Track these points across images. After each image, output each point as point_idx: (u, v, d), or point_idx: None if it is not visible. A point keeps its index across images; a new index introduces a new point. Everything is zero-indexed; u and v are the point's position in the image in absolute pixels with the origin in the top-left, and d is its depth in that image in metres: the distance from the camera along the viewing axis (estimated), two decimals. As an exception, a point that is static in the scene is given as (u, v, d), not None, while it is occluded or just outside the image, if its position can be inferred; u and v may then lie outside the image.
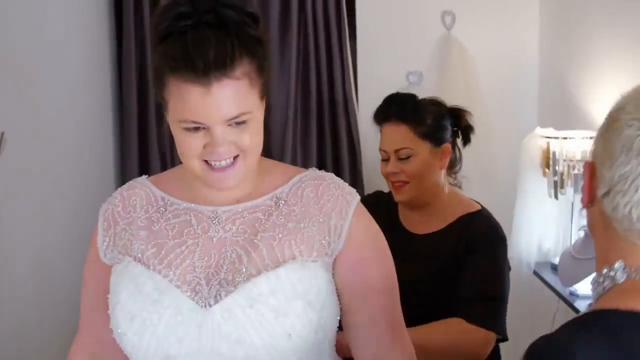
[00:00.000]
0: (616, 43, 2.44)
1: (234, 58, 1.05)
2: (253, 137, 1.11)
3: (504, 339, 1.79)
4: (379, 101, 1.95)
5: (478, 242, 1.78)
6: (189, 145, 1.09)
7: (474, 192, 3.11)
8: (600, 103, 2.57)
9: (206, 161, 1.11)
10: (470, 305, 1.72)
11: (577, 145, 2.41)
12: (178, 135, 1.11)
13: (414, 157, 1.82)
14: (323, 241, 1.16)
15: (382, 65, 3.04)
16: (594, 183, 0.92)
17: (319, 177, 1.21)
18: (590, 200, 0.93)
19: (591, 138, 2.38)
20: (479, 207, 1.88)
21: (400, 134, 1.83)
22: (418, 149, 1.82)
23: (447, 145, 1.87)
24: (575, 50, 2.77)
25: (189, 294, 1.13)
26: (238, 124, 1.08)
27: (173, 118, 1.10)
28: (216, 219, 1.18)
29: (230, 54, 1.04)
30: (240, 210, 1.18)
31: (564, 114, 2.83)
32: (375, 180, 3.02)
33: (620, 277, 0.88)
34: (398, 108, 1.85)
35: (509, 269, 1.85)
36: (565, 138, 2.43)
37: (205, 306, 1.12)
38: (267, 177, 1.22)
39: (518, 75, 3.12)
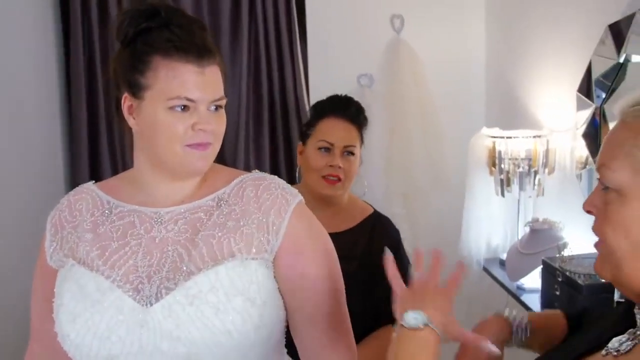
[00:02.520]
0: (557, 44, 2.53)
1: (214, 48, 1.18)
2: (223, 125, 1.20)
3: None
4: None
5: (393, 246, 1.86)
6: (175, 127, 1.14)
7: (425, 192, 3.19)
8: (543, 102, 2.65)
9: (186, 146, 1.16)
10: None
11: (521, 144, 2.48)
12: (164, 118, 1.14)
13: (354, 157, 1.94)
14: (262, 239, 1.18)
15: (333, 68, 3.07)
16: None
17: (260, 178, 1.24)
18: None
19: (535, 137, 2.48)
20: (371, 208, 2.00)
21: (352, 134, 1.95)
22: (357, 150, 1.95)
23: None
24: (519, 53, 2.85)
25: (130, 293, 1.14)
26: (216, 108, 1.18)
27: (161, 99, 1.14)
28: (159, 220, 1.20)
29: (212, 45, 1.18)
30: (182, 210, 1.21)
31: (510, 114, 2.91)
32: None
33: None
34: (356, 112, 1.96)
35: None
36: (510, 137, 2.50)
37: (147, 305, 1.13)
38: (210, 179, 1.25)
39: (465, 77, 3.20)
